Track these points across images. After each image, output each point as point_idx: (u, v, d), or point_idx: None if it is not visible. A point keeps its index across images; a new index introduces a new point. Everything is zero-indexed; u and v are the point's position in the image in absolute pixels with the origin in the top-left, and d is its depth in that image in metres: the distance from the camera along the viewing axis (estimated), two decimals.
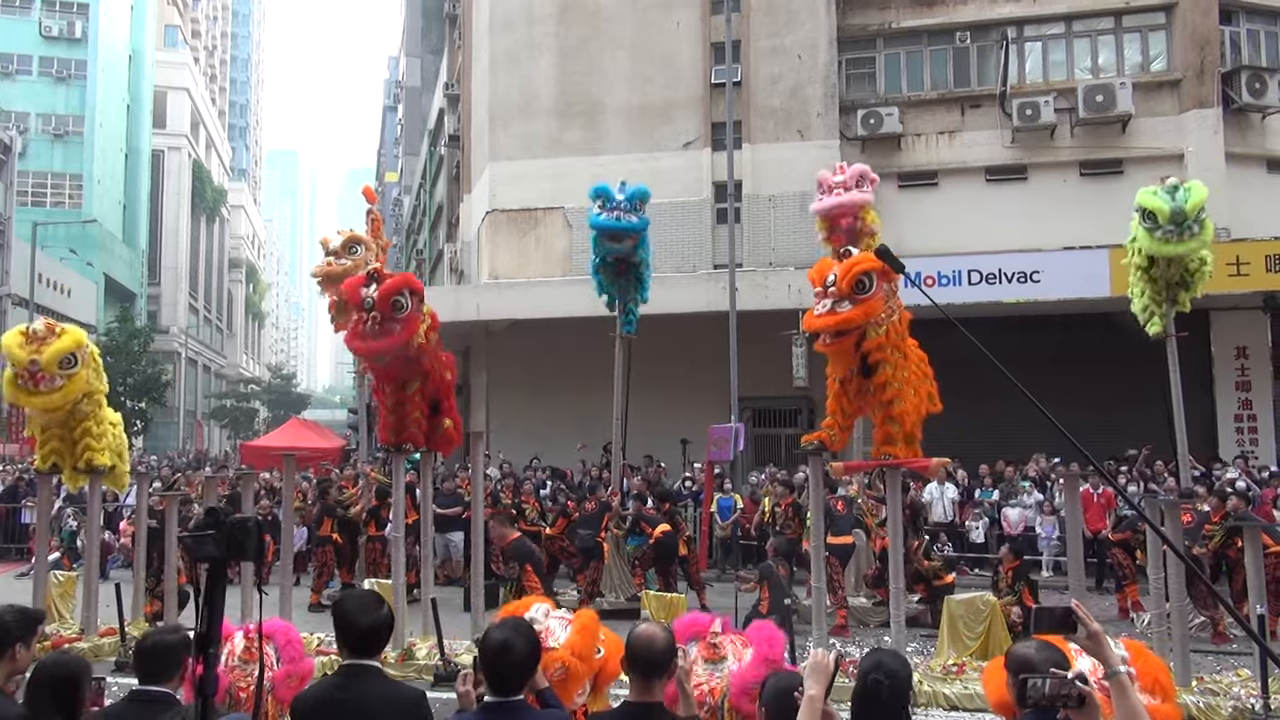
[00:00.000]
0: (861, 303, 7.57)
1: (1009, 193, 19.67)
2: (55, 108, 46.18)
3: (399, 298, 8.31)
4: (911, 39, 20.60)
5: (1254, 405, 18.29)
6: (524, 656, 2.88)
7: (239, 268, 77.68)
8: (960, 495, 15.03)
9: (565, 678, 3.92)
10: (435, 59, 38.81)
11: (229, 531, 2.37)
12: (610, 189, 11.83)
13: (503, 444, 19.54)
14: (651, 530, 11.84)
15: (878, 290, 7.64)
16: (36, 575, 10.10)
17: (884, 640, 8.84)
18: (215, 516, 2.40)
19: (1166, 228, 9.49)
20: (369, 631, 3.02)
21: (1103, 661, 2.50)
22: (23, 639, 3.23)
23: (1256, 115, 18.96)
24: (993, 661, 4.40)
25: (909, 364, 8.07)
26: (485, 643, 2.91)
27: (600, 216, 11.72)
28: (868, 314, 7.59)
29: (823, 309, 7.71)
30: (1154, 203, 9.56)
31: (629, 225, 11.71)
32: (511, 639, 2.87)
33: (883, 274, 7.70)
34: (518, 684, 2.88)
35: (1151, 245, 9.71)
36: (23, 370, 8.87)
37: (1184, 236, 9.51)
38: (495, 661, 2.85)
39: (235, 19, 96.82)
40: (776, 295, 17.65)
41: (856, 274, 7.61)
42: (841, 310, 7.59)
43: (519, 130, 21.63)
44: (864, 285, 7.60)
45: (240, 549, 2.37)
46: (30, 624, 3.31)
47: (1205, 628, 10.08)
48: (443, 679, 8.20)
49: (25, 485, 17.45)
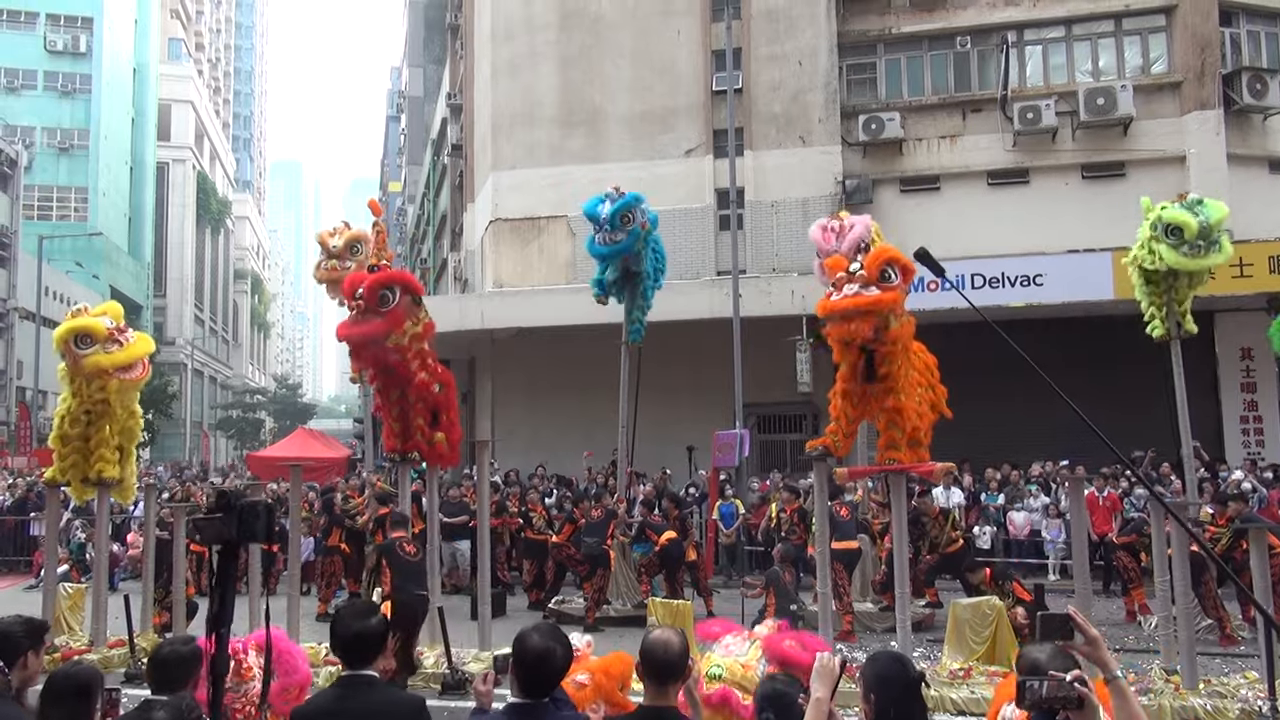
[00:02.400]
0: (887, 289, 7.65)
1: (1011, 196, 19.69)
2: (60, 121, 46.44)
3: (386, 291, 8.56)
4: (912, 44, 20.65)
5: (1259, 406, 18.27)
6: (563, 663, 2.92)
7: (244, 279, 77.95)
8: (966, 499, 15.02)
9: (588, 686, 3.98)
10: (437, 69, 38.97)
11: (240, 514, 2.37)
12: (597, 211, 11.61)
13: (508, 452, 19.57)
14: (657, 537, 11.87)
15: (901, 283, 7.70)
16: (45, 587, 10.14)
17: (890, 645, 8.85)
18: (226, 499, 2.40)
19: (1194, 243, 9.54)
20: (354, 638, 3.02)
21: (1101, 667, 2.51)
22: (33, 648, 3.28)
23: (1258, 116, 18.97)
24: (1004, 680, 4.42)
25: (913, 368, 8.09)
26: (525, 648, 2.91)
27: (594, 239, 11.79)
28: (894, 300, 7.66)
29: (849, 291, 7.72)
30: (1182, 218, 9.55)
31: (615, 249, 11.66)
32: (553, 647, 2.89)
33: (904, 272, 7.77)
34: (550, 689, 2.90)
35: (1176, 260, 9.72)
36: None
37: (1208, 252, 9.59)
38: (535, 668, 2.87)
39: (238, 31, 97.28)
40: (780, 301, 17.68)
41: (884, 261, 7.69)
42: (869, 293, 7.64)
43: (521, 139, 21.72)
44: (889, 275, 7.69)
45: (250, 531, 2.38)
46: (37, 633, 3.37)
47: (1212, 630, 10.05)
48: (450, 687, 8.22)
49: (34, 498, 17.51)
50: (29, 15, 46.94)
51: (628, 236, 11.60)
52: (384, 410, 9.34)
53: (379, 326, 8.50)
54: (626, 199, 11.61)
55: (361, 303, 8.49)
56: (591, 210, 11.72)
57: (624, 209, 11.50)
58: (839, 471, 9.24)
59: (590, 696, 4.02)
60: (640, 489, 14.44)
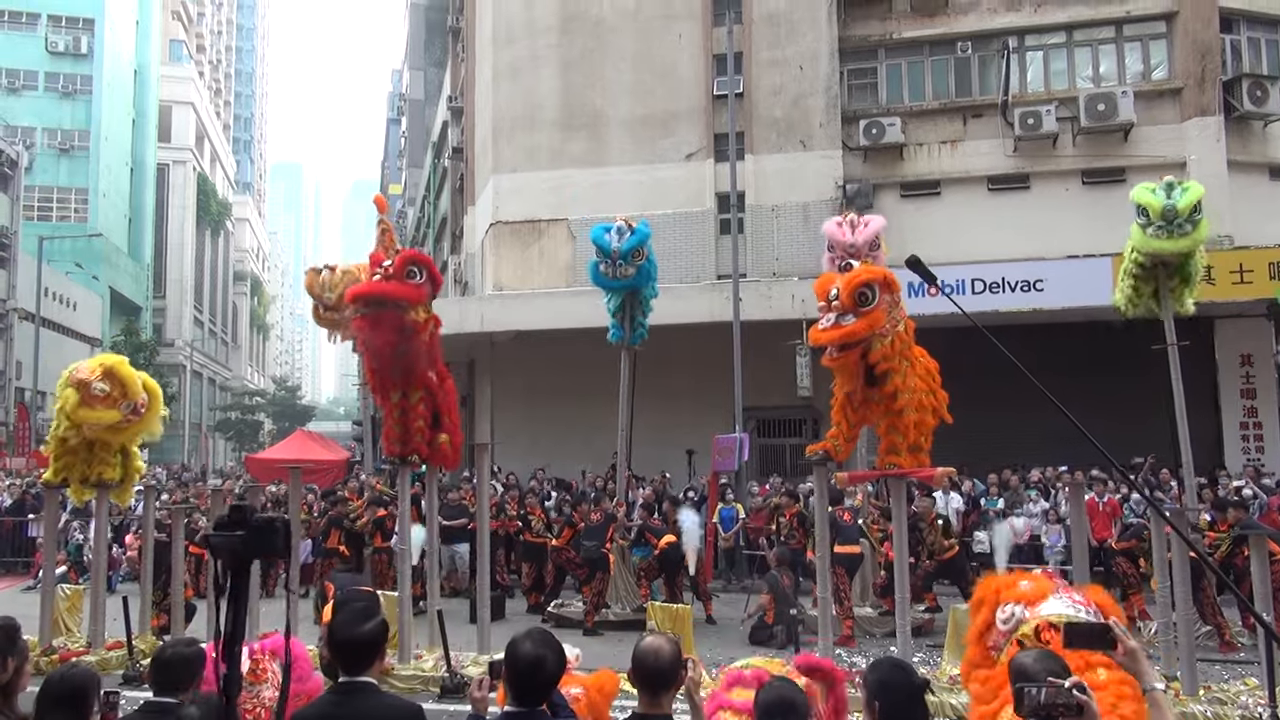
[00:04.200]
0: (865, 315, 7.57)
1: (1011, 201, 19.71)
2: (61, 122, 46.45)
3: (413, 266, 8.69)
4: (913, 49, 20.67)
5: (1259, 413, 18.27)
6: (556, 670, 2.87)
7: (243, 280, 77.94)
8: (965, 504, 15.00)
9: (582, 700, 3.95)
10: (438, 72, 38.99)
11: (256, 530, 2.32)
12: (608, 241, 11.66)
13: (507, 455, 19.55)
14: (657, 541, 11.85)
15: (880, 302, 7.64)
16: (44, 589, 10.12)
17: (890, 650, 8.83)
18: (242, 514, 2.33)
19: (1157, 224, 9.52)
20: (350, 644, 2.97)
21: (1140, 678, 2.46)
22: (10, 652, 3.23)
23: (1258, 123, 19.00)
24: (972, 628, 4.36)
25: (914, 373, 8.06)
26: (516, 655, 2.86)
27: (598, 267, 11.83)
28: (871, 326, 7.59)
29: (827, 323, 7.71)
30: (1147, 199, 9.60)
31: (624, 284, 11.88)
32: (545, 655, 2.84)
33: (884, 285, 7.73)
34: (544, 697, 2.86)
35: (1142, 241, 9.73)
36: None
37: (1174, 234, 9.52)
38: (528, 676, 2.83)
39: (240, 33, 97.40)
40: (780, 305, 17.68)
41: (857, 286, 7.62)
42: (845, 323, 7.59)
43: (522, 142, 21.72)
44: (866, 298, 7.61)
45: (269, 546, 2.32)
46: (11, 634, 3.28)
47: (1212, 636, 10.04)
48: (450, 691, 8.20)
49: (32, 499, 17.49)
50: (30, 16, 46.97)
51: (637, 273, 11.75)
52: (384, 412, 9.31)
53: (406, 289, 8.48)
54: (638, 235, 11.71)
55: (390, 269, 8.52)
56: (599, 239, 11.76)
57: (638, 245, 11.66)
58: (839, 476, 9.22)
59: (583, 711, 4.00)
60: (640, 493, 14.42)
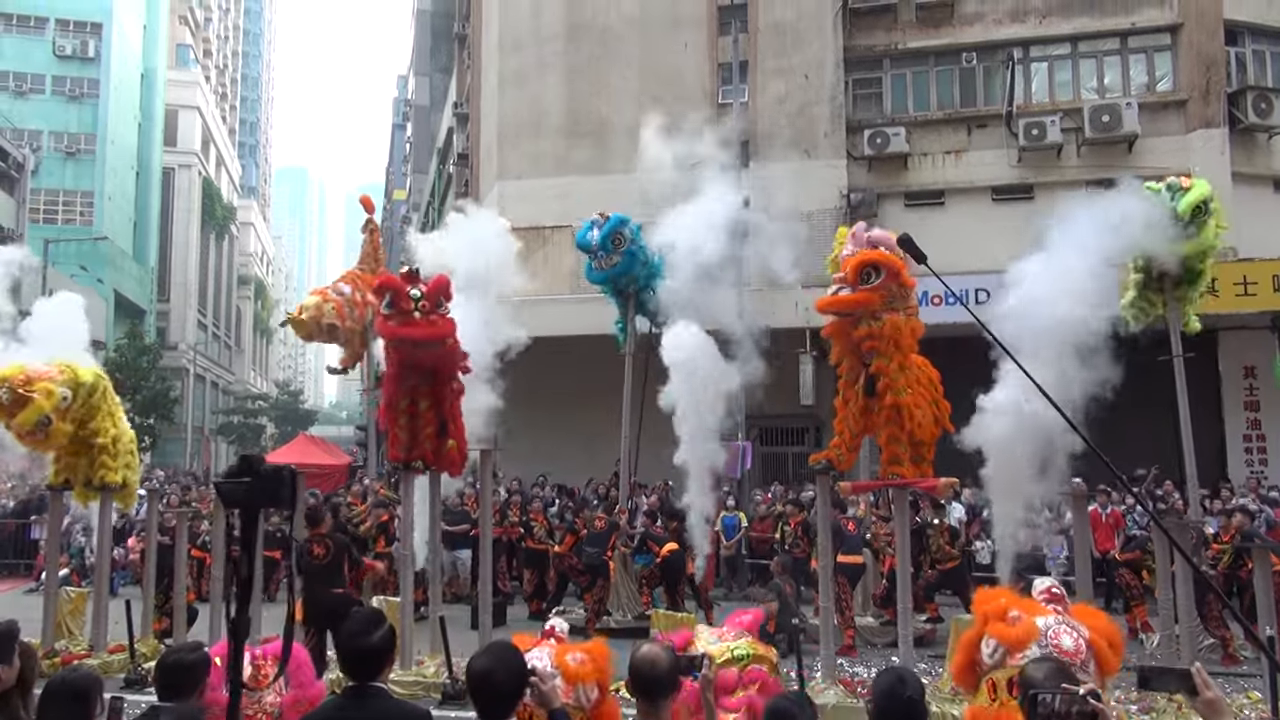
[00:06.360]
0: (863, 290, 7.77)
1: (1015, 212, 19.68)
2: (68, 126, 46.58)
3: (441, 296, 8.88)
4: (918, 59, 20.71)
5: (1263, 425, 18.23)
6: (507, 683, 2.85)
7: (248, 284, 77.99)
8: (967, 514, 14.97)
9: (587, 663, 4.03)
10: (444, 78, 39.06)
11: (264, 478, 2.36)
12: (587, 239, 11.84)
13: (509, 462, 19.52)
14: (659, 549, 11.85)
15: (881, 285, 7.74)
16: (46, 592, 10.14)
17: (892, 660, 8.83)
18: (249, 464, 2.39)
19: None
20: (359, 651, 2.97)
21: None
22: (4, 659, 3.24)
23: (1263, 135, 19.00)
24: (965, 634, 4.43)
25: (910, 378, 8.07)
26: (469, 670, 2.88)
27: (591, 266, 11.93)
28: (865, 301, 7.77)
29: (833, 291, 7.97)
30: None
31: (614, 272, 11.99)
32: (493, 669, 2.85)
33: (891, 273, 7.79)
34: (502, 711, 2.85)
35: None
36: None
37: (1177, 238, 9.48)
38: (478, 690, 2.85)
39: (246, 38, 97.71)
40: (784, 313, 17.66)
41: (864, 263, 7.80)
42: (846, 294, 7.81)
43: (527, 149, 21.76)
44: (869, 275, 7.80)
45: (275, 496, 2.37)
46: (8, 640, 3.30)
47: (1215, 649, 10.01)
48: (451, 697, 8.21)
49: (35, 501, 17.52)
50: (39, 20, 47.15)
51: (623, 258, 11.80)
52: (390, 419, 9.32)
53: (445, 329, 8.78)
54: (612, 221, 11.87)
55: (426, 304, 8.65)
56: (583, 240, 11.94)
57: (612, 232, 11.77)
58: (842, 485, 9.23)
59: (590, 672, 4.07)
60: (643, 500, 14.42)
